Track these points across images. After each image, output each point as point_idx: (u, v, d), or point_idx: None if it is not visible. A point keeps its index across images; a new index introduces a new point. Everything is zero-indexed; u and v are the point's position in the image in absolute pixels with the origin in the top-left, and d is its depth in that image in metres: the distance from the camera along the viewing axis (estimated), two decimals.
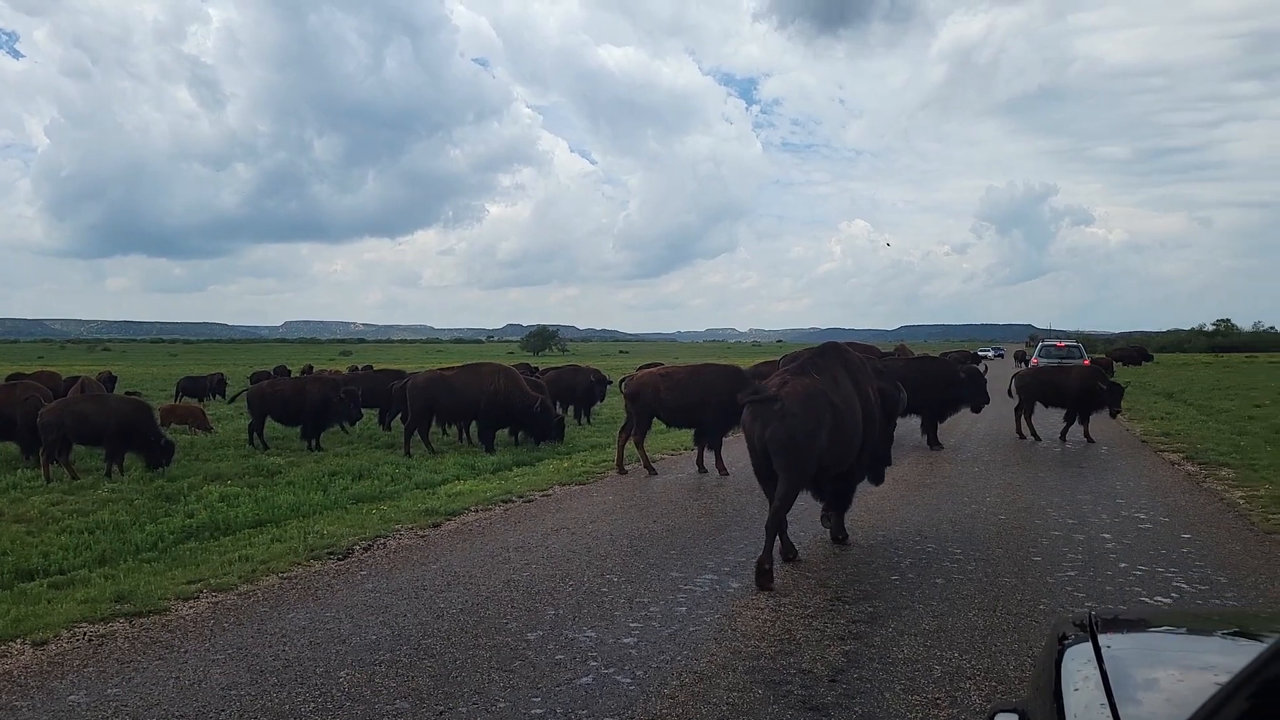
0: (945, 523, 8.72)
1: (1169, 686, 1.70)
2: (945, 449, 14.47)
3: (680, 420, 12.50)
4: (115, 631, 5.61)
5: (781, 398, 6.94)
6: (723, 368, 12.73)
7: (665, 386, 12.21)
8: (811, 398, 6.98)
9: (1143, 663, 1.84)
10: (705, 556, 7.40)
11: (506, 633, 5.51)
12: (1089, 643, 1.85)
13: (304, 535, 8.21)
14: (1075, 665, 1.79)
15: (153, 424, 12.80)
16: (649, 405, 12.28)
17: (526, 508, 9.75)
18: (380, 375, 20.79)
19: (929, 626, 5.56)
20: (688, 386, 12.13)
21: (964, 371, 15.49)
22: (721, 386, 11.91)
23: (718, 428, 11.94)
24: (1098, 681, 1.67)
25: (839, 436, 7.17)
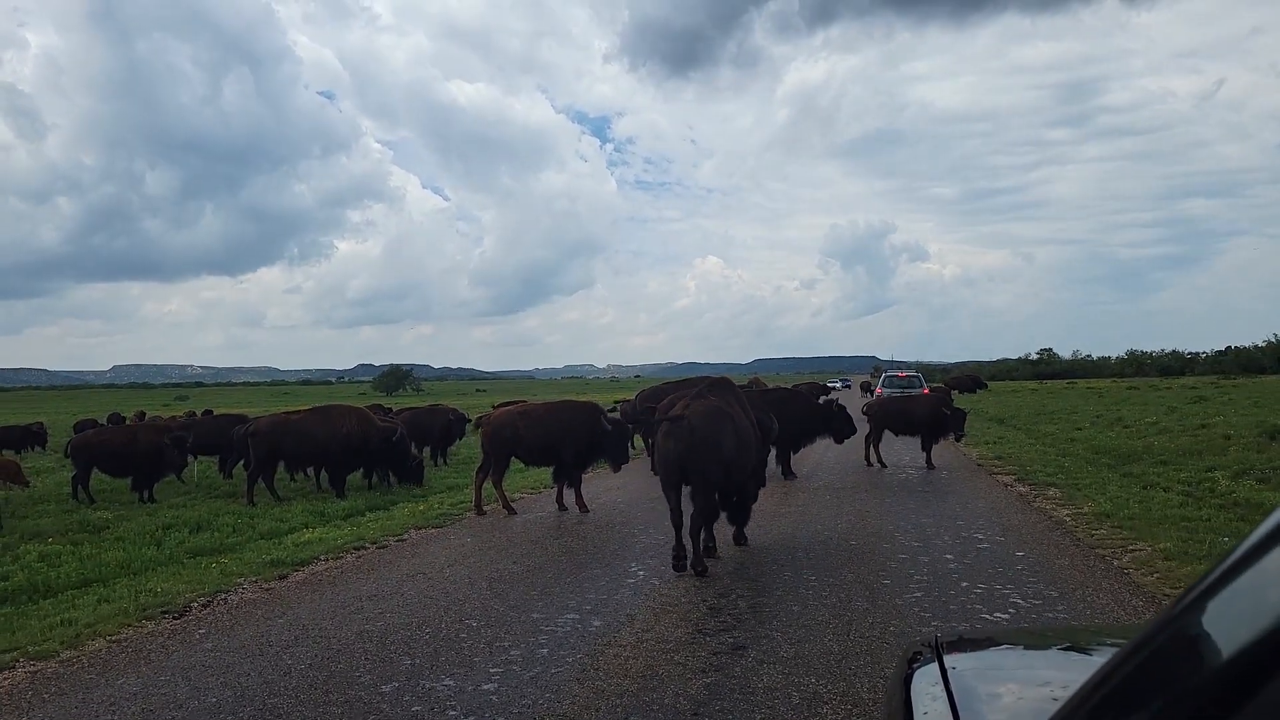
0: (800, 550, 9.02)
1: (1010, 703, 1.81)
2: (798, 478, 15.01)
3: (539, 459, 12.38)
4: None
5: (689, 416, 8.06)
6: (581, 404, 12.77)
7: (524, 424, 12.09)
8: (717, 415, 8.18)
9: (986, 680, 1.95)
10: (567, 596, 7.35)
11: (359, 686, 5.28)
12: (935, 663, 1.95)
13: (135, 594, 7.61)
14: (924, 685, 1.89)
15: None
16: (507, 444, 12.13)
17: (380, 554, 9.41)
18: (221, 420, 19.61)
19: (787, 654, 5.73)
20: (546, 424, 12.06)
21: (831, 404, 16.16)
22: (580, 423, 11.95)
23: (577, 464, 11.95)
24: (945, 700, 1.76)
25: (738, 451, 8.28)
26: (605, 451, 12.02)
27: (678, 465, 8.09)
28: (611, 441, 11.96)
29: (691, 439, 7.98)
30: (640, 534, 10.18)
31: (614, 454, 12.10)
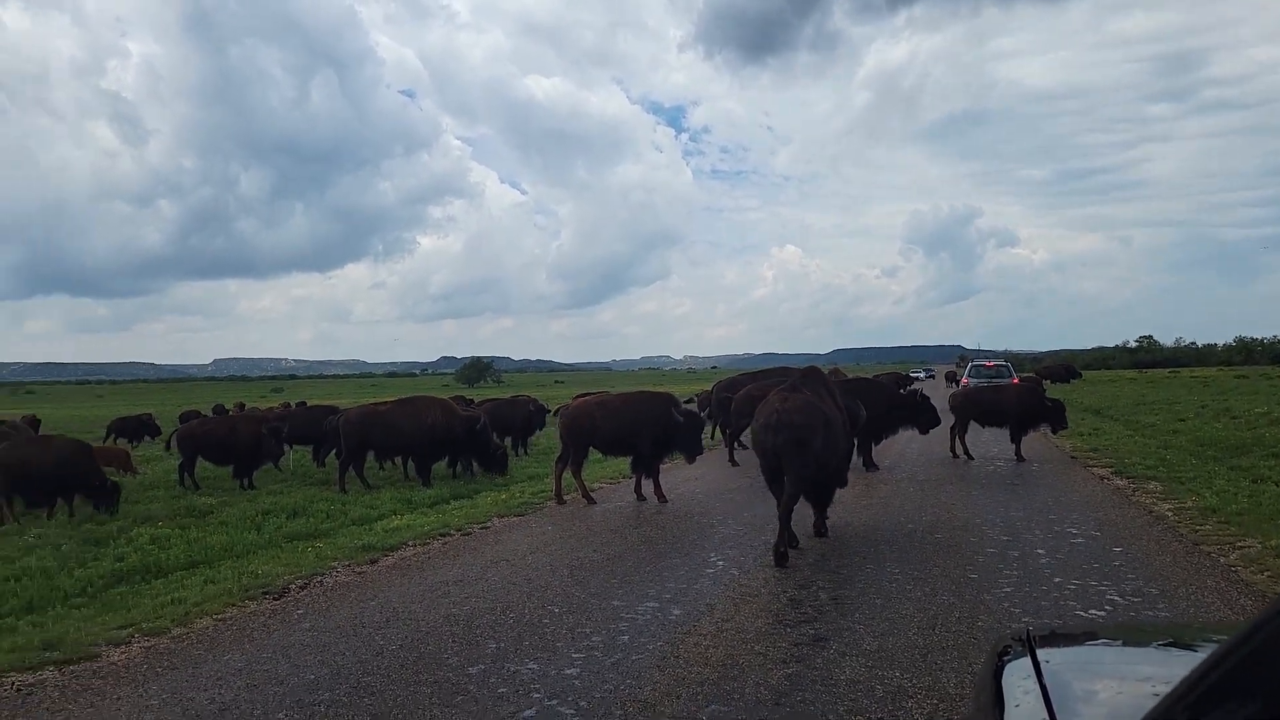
0: (883, 543, 8.89)
1: (1108, 698, 1.75)
2: (880, 470, 14.77)
3: (616, 449, 12.50)
4: (45, 680, 5.39)
5: (784, 409, 8.50)
6: (655, 395, 12.78)
7: (600, 415, 12.20)
8: (810, 408, 8.61)
9: (1081, 675, 1.90)
10: (646, 584, 7.42)
11: (447, 667, 5.44)
12: (1028, 657, 1.91)
13: (238, 575, 8.00)
14: (1015, 680, 1.85)
15: (94, 465, 12.37)
16: (584, 434, 12.26)
17: (465, 541, 9.65)
18: (314, 411, 20.37)
19: (870, 647, 5.66)
20: (622, 415, 12.15)
21: (914, 394, 15.85)
22: (655, 414, 11.96)
23: (654, 455, 11.97)
24: (1038, 695, 1.72)
25: (829, 442, 8.68)
26: (679, 443, 12.02)
27: (775, 456, 8.51)
28: (685, 433, 11.94)
29: (787, 432, 8.38)
30: (719, 525, 10.18)
31: (687, 446, 12.08)
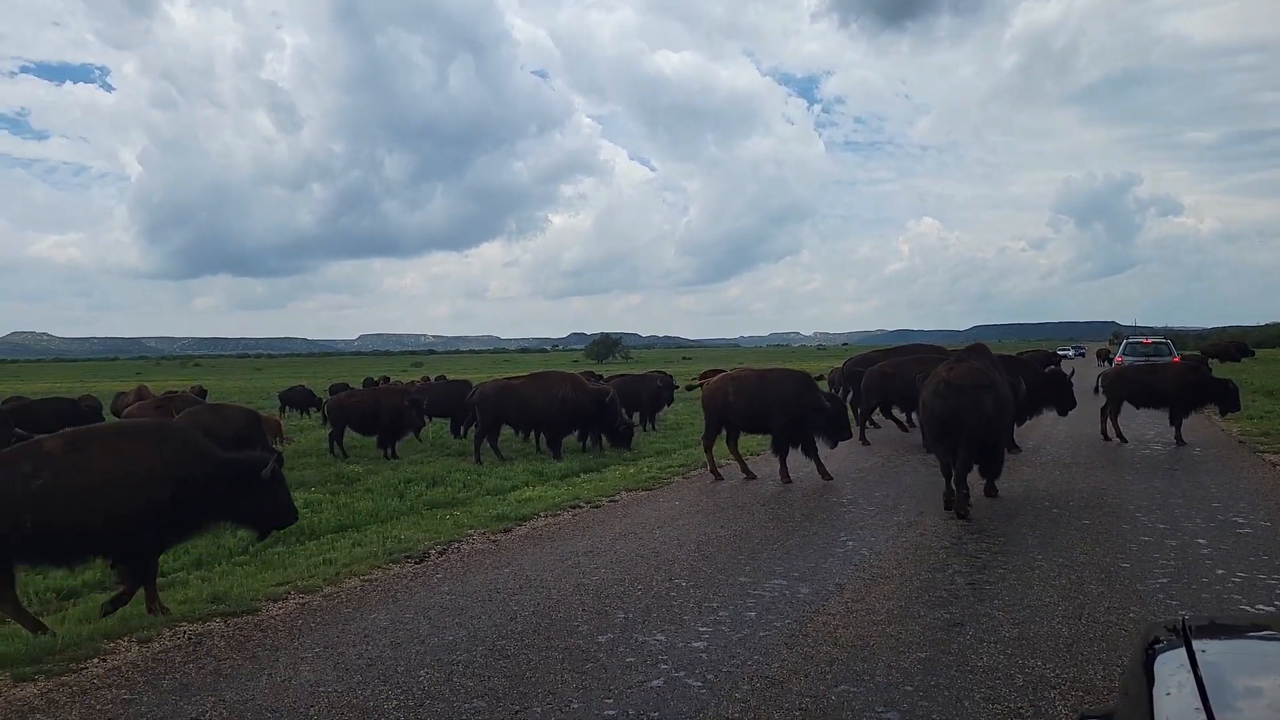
0: (1025, 527, 8.50)
1: (1273, 694, 1.63)
2: (1024, 452, 14.08)
3: (749, 425, 12.28)
4: (212, 630, 5.87)
5: (954, 378, 9.18)
6: (791, 374, 12.49)
7: (732, 392, 12.07)
8: (979, 376, 9.28)
9: (1241, 669, 1.76)
10: (774, 562, 7.36)
11: (578, 635, 5.58)
12: (1182, 648, 1.79)
13: (383, 540, 8.45)
14: (1168, 671, 1.73)
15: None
16: (719, 410, 12.18)
17: (594, 513, 9.85)
18: (452, 385, 21.21)
19: (1009, 635, 5.44)
20: (754, 392, 11.95)
21: (1049, 373, 15.00)
22: (789, 392, 11.68)
23: (787, 436, 11.64)
24: (1193, 688, 1.61)
25: (998, 407, 9.26)
26: (817, 426, 11.46)
27: (945, 422, 9.11)
28: (825, 416, 11.43)
29: (958, 399, 9.03)
30: (848, 505, 9.99)
31: (830, 429, 11.50)
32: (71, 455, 6.03)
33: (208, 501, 6.34)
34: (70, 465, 5.96)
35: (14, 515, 5.74)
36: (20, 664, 5.14)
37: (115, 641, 5.60)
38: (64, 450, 6.06)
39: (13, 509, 5.74)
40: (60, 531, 5.89)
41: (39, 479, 5.85)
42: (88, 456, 6.06)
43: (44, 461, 5.97)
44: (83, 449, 6.11)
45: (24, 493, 5.77)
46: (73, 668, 5.16)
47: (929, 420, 9.51)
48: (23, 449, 6.22)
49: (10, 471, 5.87)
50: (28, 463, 5.96)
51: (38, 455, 6.03)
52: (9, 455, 6.10)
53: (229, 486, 6.42)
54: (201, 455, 6.43)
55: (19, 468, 5.88)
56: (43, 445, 6.18)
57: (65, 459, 6.00)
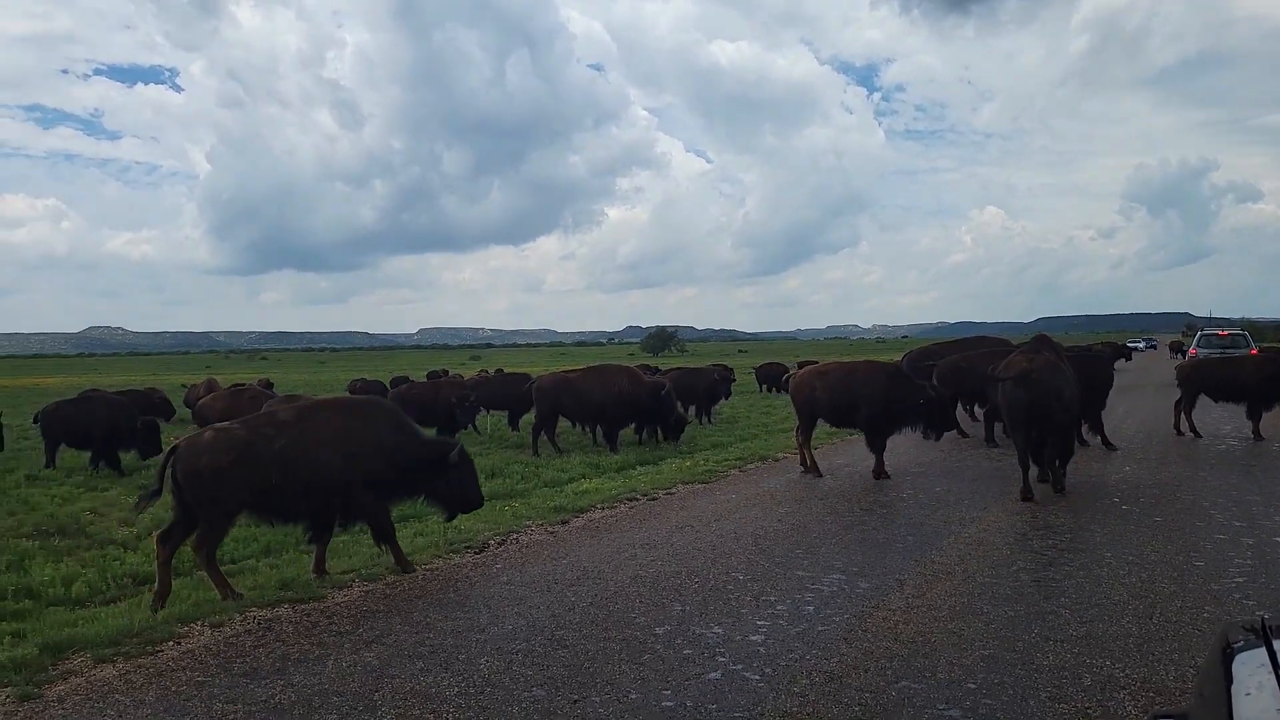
0: (1093, 523, 8.28)
1: None
2: (1090, 445, 13.71)
3: (837, 419, 11.90)
4: (280, 616, 6.05)
5: (1034, 370, 9.49)
6: (878, 366, 12.03)
7: (819, 385, 11.70)
8: (1056, 368, 9.65)
9: None
10: (832, 556, 7.30)
11: (635, 626, 5.61)
12: (1262, 648, 1.74)
13: (443, 530, 8.59)
14: (1247, 671, 1.68)
15: None
16: (805, 404, 11.81)
17: (651, 505, 9.87)
18: (509, 378, 21.47)
19: (1076, 633, 5.31)
20: (839, 385, 11.54)
21: None
22: (876, 385, 11.21)
23: (874, 429, 11.16)
24: (1273, 688, 1.56)
25: (1074, 399, 9.71)
26: (917, 419, 11.08)
27: (1026, 412, 9.42)
28: (925, 408, 11.00)
29: (1038, 389, 9.34)
30: (908, 499, 9.85)
31: (931, 421, 11.13)
32: (302, 424, 6.90)
33: (408, 476, 7.11)
34: (301, 433, 6.82)
35: (261, 474, 6.56)
36: (100, 646, 5.36)
37: (189, 626, 5.81)
38: (296, 419, 6.94)
39: (261, 469, 6.56)
40: (292, 490, 6.68)
41: (279, 442, 6.69)
42: (316, 426, 6.91)
43: (282, 428, 6.82)
44: (311, 419, 6.98)
45: (267, 455, 6.60)
46: (149, 650, 5.36)
47: (1011, 409, 9.73)
48: (263, 416, 7.19)
49: (256, 434, 6.71)
50: (269, 428, 6.82)
51: (276, 422, 6.93)
52: (254, 421, 7.02)
53: (427, 465, 7.14)
54: (407, 433, 7.25)
55: (263, 431, 6.73)
56: (279, 414, 7.10)
57: (297, 427, 6.85)
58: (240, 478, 6.51)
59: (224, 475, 6.47)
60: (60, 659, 5.21)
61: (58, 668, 5.09)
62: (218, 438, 6.72)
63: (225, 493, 6.51)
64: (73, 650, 5.31)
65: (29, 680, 4.85)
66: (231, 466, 6.49)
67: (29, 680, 4.85)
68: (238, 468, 6.51)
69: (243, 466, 6.52)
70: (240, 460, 6.53)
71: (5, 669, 4.96)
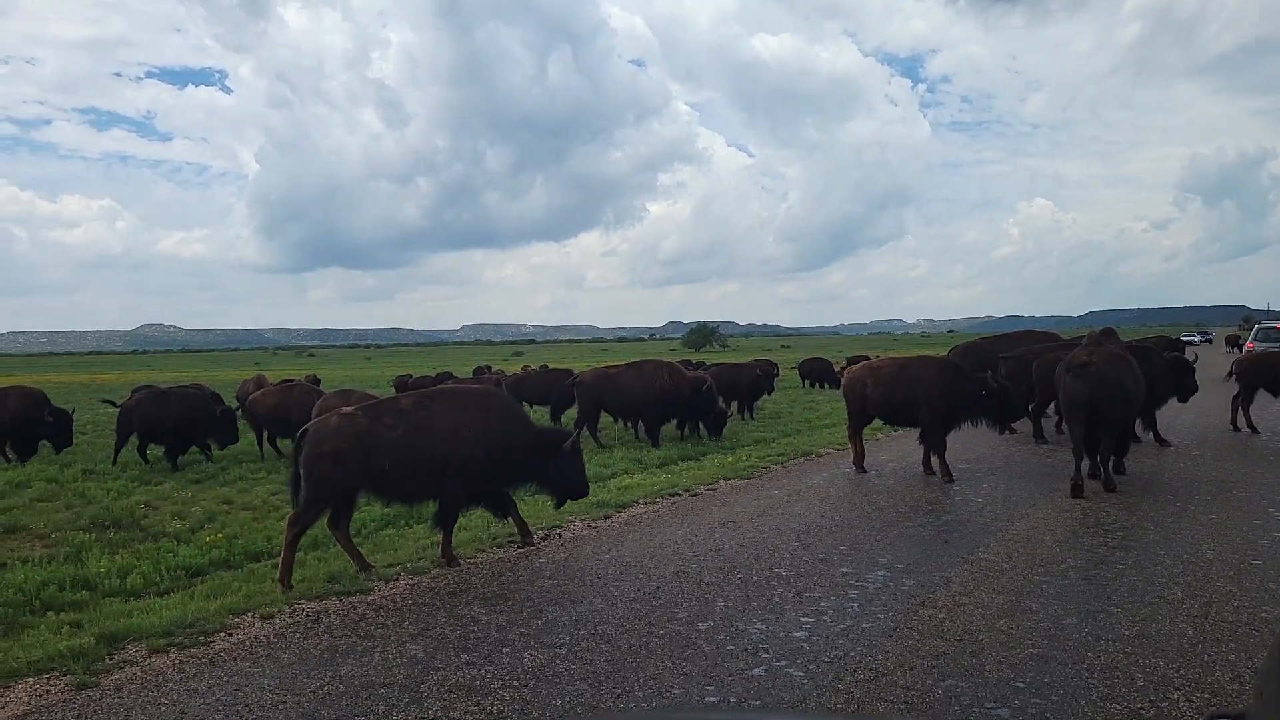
0: (1146, 521, 8.08)
1: None
2: (1142, 442, 13.38)
3: (890, 416, 11.62)
4: (329, 609, 6.15)
5: (1096, 361, 9.44)
6: (936, 361, 11.80)
7: (871, 381, 11.45)
8: (1118, 360, 9.61)
9: None
10: (877, 553, 7.21)
11: (678, 622, 5.60)
12: None
13: (487, 525, 8.65)
14: None
15: None
16: (856, 401, 11.57)
17: (693, 501, 9.85)
18: (551, 374, 21.57)
19: (1129, 632, 5.19)
20: (893, 381, 11.27)
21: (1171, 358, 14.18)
22: (931, 381, 10.90)
23: (932, 426, 10.77)
24: None
25: (1135, 392, 9.64)
26: (981, 413, 10.79)
27: (1085, 405, 9.37)
28: (988, 401, 10.68)
29: (1099, 381, 9.30)
30: (956, 496, 9.70)
31: (996, 414, 10.87)
32: (419, 412, 7.21)
33: (518, 463, 7.43)
34: (418, 421, 7.11)
35: (381, 456, 6.95)
36: (155, 636, 5.49)
37: (240, 617, 5.93)
38: (413, 407, 7.27)
39: (381, 451, 6.96)
40: (408, 474, 7.04)
41: (399, 430, 7.03)
42: (431, 414, 7.21)
43: (400, 415, 7.17)
44: (428, 407, 7.28)
45: (388, 439, 6.98)
46: (201, 640, 5.49)
47: (1069, 401, 9.68)
48: (383, 404, 7.56)
49: (377, 422, 7.06)
50: (388, 416, 7.16)
51: (395, 410, 7.28)
52: (374, 408, 7.37)
53: (538, 453, 7.47)
54: (518, 422, 7.63)
55: (382, 419, 7.08)
56: (398, 401, 7.46)
57: (414, 415, 7.18)
58: (361, 461, 6.92)
59: (346, 459, 6.89)
60: (116, 649, 5.35)
61: (114, 657, 5.24)
62: (342, 424, 7.11)
63: (347, 475, 6.95)
64: (128, 640, 5.46)
65: (86, 669, 4.99)
66: (354, 451, 6.92)
67: (86, 669, 4.99)
68: (359, 452, 6.93)
69: (364, 451, 6.93)
70: (362, 445, 6.94)
71: (64, 658, 5.12)
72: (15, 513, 10.15)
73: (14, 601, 6.41)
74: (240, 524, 9.27)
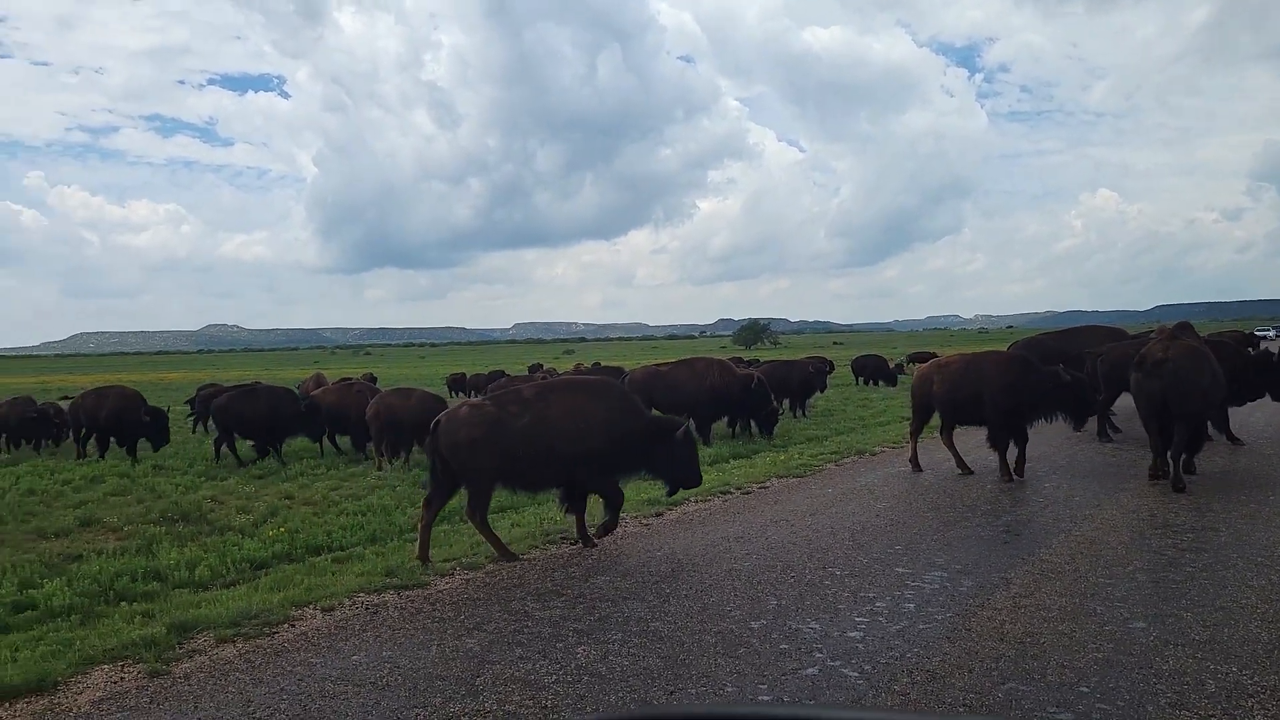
0: (1219, 522, 7.81)
1: None
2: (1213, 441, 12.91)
3: (958, 415, 11.22)
4: (387, 602, 6.27)
5: (1172, 356, 9.24)
6: (1006, 357, 11.42)
7: (937, 379, 11.21)
8: (1195, 355, 9.38)
9: None
10: (934, 553, 7.10)
11: (730, 620, 5.58)
12: None
13: (540, 522, 8.74)
14: None
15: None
16: (922, 399, 11.37)
17: (745, 499, 9.81)
18: (604, 372, 21.66)
19: (1199, 637, 5.03)
20: (959, 379, 10.97)
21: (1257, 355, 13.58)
22: (999, 378, 10.56)
23: (1000, 425, 10.44)
24: None
25: (1212, 387, 9.40)
26: (1054, 409, 10.49)
27: (1161, 400, 9.24)
28: (1062, 396, 10.37)
29: (1174, 376, 9.15)
30: (1016, 495, 9.50)
31: (1071, 408, 10.56)
32: (540, 403, 7.53)
33: (633, 452, 7.62)
34: (541, 411, 7.44)
35: (510, 445, 7.28)
36: (222, 627, 5.66)
37: (302, 609, 6.08)
38: (536, 397, 7.62)
39: (510, 440, 7.29)
40: (533, 461, 7.35)
41: (524, 419, 7.36)
42: (552, 404, 7.53)
43: (525, 405, 7.50)
44: (549, 398, 7.62)
45: (515, 429, 7.31)
46: (266, 631, 5.64)
47: (1145, 397, 9.53)
48: (510, 394, 7.85)
49: (504, 411, 7.42)
50: (514, 405, 7.50)
51: (520, 400, 7.60)
52: (501, 399, 7.72)
53: (652, 443, 7.64)
54: (634, 412, 7.83)
55: (510, 409, 7.44)
56: (522, 392, 7.79)
57: (537, 405, 7.51)
58: (491, 448, 7.28)
59: (479, 446, 7.27)
60: (186, 638, 5.53)
61: (184, 646, 5.41)
62: (472, 413, 7.50)
63: (481, 461, 7.32)
64: (197, 630, 5.63)
65: (158, 657, 5.17)
66: (484, 438, 7.28)
67: (158, 657, 5.17)
68: (489, 440, 7.28)
69: (493, 439, 7.29)
70: (491, 433, 7.29)
71: (137, 646, 5.30)
72: (90, 506, 10.55)
73: (90, 591, 6.67)
74: (301, 519, 9.49)
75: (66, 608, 6.29)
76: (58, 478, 12.96)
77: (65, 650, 5.28)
